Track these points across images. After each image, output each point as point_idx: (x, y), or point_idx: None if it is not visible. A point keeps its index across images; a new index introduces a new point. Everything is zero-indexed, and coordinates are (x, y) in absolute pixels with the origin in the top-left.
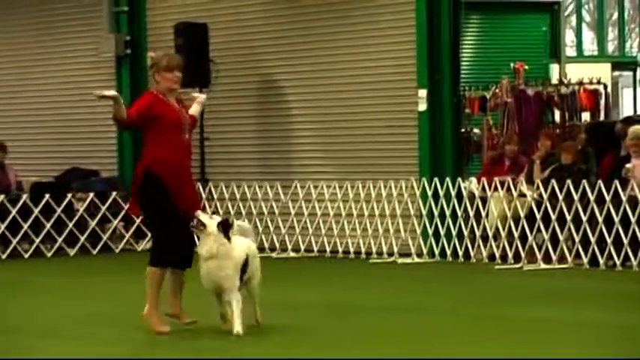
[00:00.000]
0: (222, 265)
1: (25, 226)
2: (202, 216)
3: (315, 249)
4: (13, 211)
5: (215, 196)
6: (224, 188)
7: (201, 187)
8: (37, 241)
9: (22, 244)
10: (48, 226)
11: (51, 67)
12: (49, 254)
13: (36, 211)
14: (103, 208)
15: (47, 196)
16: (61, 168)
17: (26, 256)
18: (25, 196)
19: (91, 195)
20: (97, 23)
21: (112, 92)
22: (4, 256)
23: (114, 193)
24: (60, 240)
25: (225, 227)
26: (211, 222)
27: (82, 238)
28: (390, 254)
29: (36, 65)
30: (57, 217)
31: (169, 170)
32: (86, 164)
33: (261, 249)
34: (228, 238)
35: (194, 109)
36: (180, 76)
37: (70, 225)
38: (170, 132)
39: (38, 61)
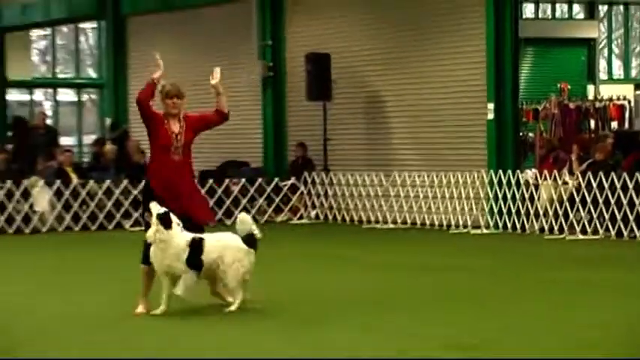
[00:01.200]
0: (162, 251)
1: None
2: (153, 207)
3: (409, 222)
4: None
5: (334, 182)
6: (341, 176)
7: (323, 175)
8: None
9: None
10: (211, 203)
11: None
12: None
13: (202, 191)
14: (252, 190)
15: (211, 181)
16: (221, 160)
17: None
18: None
19: (243, 180)
20: (251, 53)
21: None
22: None
23: (259, 179)
24: (220, 213)
25: (162, 219)
26: (154, 212)
27: (236, 212)
28: (465, 227)
29: (198, 84)
30: (218, 197)
31: (160, 184)
32: (239, 157)
33: (368, 222)
34: (167, 228)
35: (220, 103)
36: (179, 102)
37: (227, 202)
38: (161, 152)
39: None
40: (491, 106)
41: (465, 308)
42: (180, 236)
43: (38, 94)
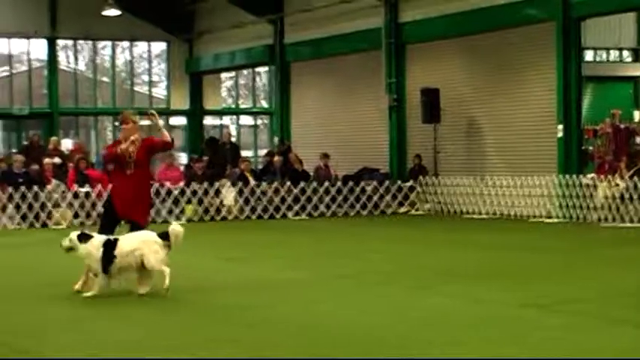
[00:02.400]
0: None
1: (339, 199)
2: (72, 234)
3: (498, 213)
4: (332, 191)
5: (442, 184)
6: (447, 179)
7: (434, 179)
8: (345, 207)
9: (341, 209)
10: (350, 199)
11: (352, 112)
12: (338, 216)
13: (345, 190)
14: (381, 190)
15: (351, 183)
16: (358, 167)
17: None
18: (339, 183)
19: (374, 182)
20: (380, 88)
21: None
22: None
23: (387, 182)
24: (357, 207)
25: (79, 237)
26: (73, 235)
27: (369, 206)
28: (540, 217)
29: (340, 111)
30: (356, 195)
31: (116, 194)
32: (372, 165)
33: (467, 213)
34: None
35: (163, 135)
36: (129, 126)
37: (363, 199)
38: (117, 167)
39: (342, 108)
40: (560, 127)
41: (545, 277)
42: (92, 247)
43: (225, 120)
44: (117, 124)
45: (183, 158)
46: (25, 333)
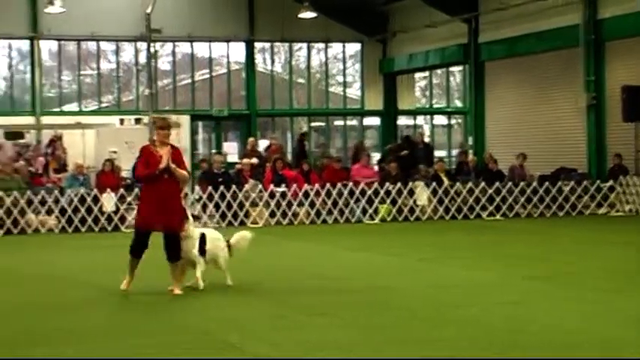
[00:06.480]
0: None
1: (534, 200)
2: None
3: None
4: (528, 191)
5: None
6: None
7: (635, 179)
8: (541, 208)
9: (536, 210)
10: (546, 200)
11: (547, 111)
12: (534, 217)
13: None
14: (578, 190)
15: (547, 183)
16: (555, 167)
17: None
18: (534, 183)
19: (572, 182)
20: (578, 86)
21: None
22: (535, 216)
23: (585, 182)
24: (554, 208)
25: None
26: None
27: (566, 207)
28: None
29: (535, 110)
30: (552, 197)
31: (148, 197)
32: (569, 165)
33: None
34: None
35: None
36: (169, 133)
37: (559, 200)
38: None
39: (538, 107)
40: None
41: None
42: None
43: (419, 120)
44: (154, 124)
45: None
46: (229, 326)
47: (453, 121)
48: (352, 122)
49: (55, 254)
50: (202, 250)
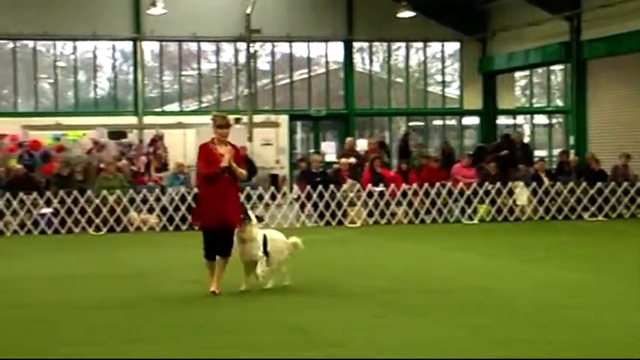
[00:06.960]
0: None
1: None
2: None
3: None
4: (632, 192)
5: None
6: None
7: None
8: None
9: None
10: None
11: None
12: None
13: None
14: None
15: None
16: None
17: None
18: (638, 183)
19: None
20: None
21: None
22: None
23: None
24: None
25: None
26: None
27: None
28: None
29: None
30: None
31: (209, 196)
32: None
33: None
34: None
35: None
36: (228, 132)
37: None
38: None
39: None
40: None
41: None
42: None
43: (519, 119)
44: (213, 122)
45: None
46: (328, 326)
47: (554, 121)
48: (451, 122)
49: (156, 252)
50: (265, 252)
